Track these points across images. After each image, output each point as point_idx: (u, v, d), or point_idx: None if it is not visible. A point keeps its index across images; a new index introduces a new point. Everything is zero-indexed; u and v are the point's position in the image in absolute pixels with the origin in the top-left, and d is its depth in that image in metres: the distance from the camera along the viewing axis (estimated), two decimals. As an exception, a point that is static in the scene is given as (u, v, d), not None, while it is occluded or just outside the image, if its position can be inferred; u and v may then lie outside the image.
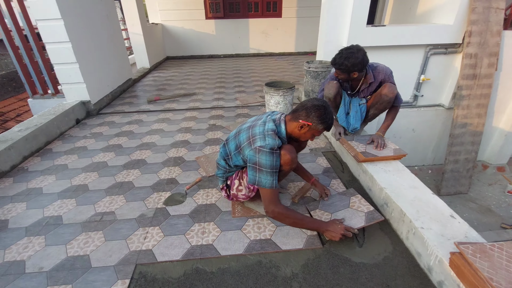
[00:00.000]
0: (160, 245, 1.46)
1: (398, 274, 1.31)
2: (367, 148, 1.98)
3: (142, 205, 1.77)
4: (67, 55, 3.15)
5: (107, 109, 3.68)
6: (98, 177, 2.12)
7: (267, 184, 1.35)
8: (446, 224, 1.38)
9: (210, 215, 1.67)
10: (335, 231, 1.37)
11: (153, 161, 2.32)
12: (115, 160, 2.35)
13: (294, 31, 7.56)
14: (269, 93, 2.92)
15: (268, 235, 1.52)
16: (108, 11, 4.10)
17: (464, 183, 3.75)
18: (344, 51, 1.85)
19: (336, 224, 1.41)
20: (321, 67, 3.09)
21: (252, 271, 1.32)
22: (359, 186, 1.96)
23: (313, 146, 2.53)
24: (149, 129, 2.99)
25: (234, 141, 1.50)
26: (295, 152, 1.43)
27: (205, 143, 2.65)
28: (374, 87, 2.01)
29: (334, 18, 3.13)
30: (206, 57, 7.66)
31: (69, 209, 1.78)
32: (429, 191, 1.63)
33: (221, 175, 1.64)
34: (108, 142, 2.71)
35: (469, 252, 1.13)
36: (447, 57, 3.54)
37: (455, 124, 3.54)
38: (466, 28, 3.27)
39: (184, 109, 3.62)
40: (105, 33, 3.96)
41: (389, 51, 3.37)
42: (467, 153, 3.66)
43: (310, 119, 1.38)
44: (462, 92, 3.44)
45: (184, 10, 7.06)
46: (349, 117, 2.16)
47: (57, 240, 1.53)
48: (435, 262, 1.26)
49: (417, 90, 3.72)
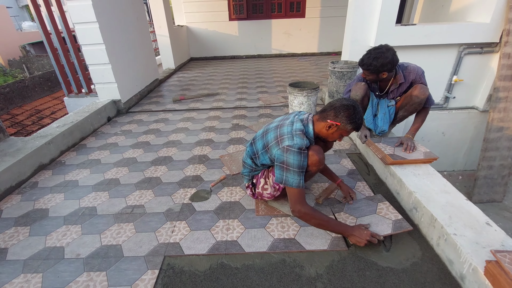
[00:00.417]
0: (187, 239, 1.51)
1: (427, 281, 1.27)
2: (396, 150, 1.92)
3: (169, 200, 1.84)
4: (101, 56, 3.34)
5: (135, 108, 3.85)
6: (128, 172, 2.22)
7: (294, 184, 1.35)
8: (481, 231, 1.32)
9: (234, 212, 1.70)
10: (361, 237, 1.35)
11: (179, 158, 2.40)
12: (143, 156, 2.46)
13: (317, 31, 7.47)
14: (293, 94, 2.91)
15: (292, 234, 1.53)
16: (138, 14, 4.28)
17: (498, 191, 3.52)
18: (372, 51, 1.80)
19: (362, 230, 1.39)
20: (347, 67, 3.04)
21: (276, 269, 1.33)
22: (386, 189, 1.91)
23: (337, 148, 2.49)
24: (174, 128, 3.09)
25: (262, 140, 1.51)
26: (323, 153, 1.43)
27: (229, 142, 2.69)
28: (404, 87, 1.95)
29: (361, 17, 3.07)
30: (228, 57, 7.77)
31: (102, 201, 1.88)
32: (463, 196, 1.56)
33: (247, 174, 1.67)
34: (137, 139, 2.83)
35: (507, 261, 1.07)
36: (483, 57, 3.34)
37: (490, 128, 3.33)
38: (504, 27, 3.07)
39: (208, 108, 3.71)
40: (135, 35, 4.14)
41: (419, 50, 3.24)
42: (503, 159, 3.43)
43: (339, 119, 1.36)
44: (499, 94, 3.23)
45: (209, 12, 7.21)
46: (377, 119, 2.11)
47: (92, 229, 1.63)
48: (468, 270, 1.20)
49: (448, 91, 3.55)
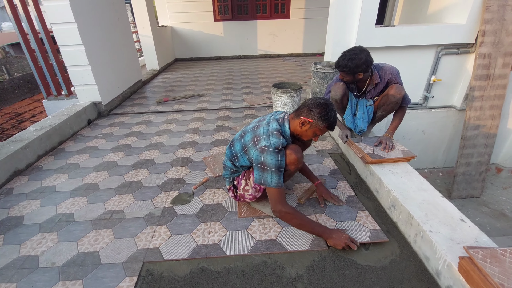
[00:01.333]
0: (167, 244, 1.48)
1: (405, 278, 1.30)
2: (375, 149, 1.96)
3: (150, 204, 1.81)
4: (80, 57, 3.24)
5: (117, 110, 3.76)
6: (108, 176, 2.17)
7: (273, 183, 1.36)
8: (456, 227, 1.36)
9: (217, 215, 1.69)
10: (339, 240, 1.38)
11: (161, 161, 2.35)
12: (124, 160, 2.40)
13: (302, 32, 7.54)
14: (276, 94, 2.92)
15: (274, 235, 1.53)
16: (119, 14, 4.19)
17: (476, 187, 3.65)
18: (347, 53, 1.84)
19: (341, 233, 1.41)
20: (329, 68, 3.08)
21: (257, 271, 1.33)
22: (366, 188, 1.94)
23: (320, 148, 2.52)
24: (157, 130, 3.04)
25: (240, 142, 1.51)
26: (301, 152, 1.44)
27: (213, 143, 2.67)
28: (381, 87, 1.99)
29: (342, 19, 3.11)
30: (214, 58, 7.72)
31: (80, 207, 1.82)
32: (438, 194, 1.60)
33: (227, 176, 1.66)
34: (118, 142, 2.76)
35: (479, 257, 1.10)
36: (459, 58, 3.46)
37: (467, 126, 3.45)
38: (479, 28, 3.19)
39: (192, 110, 3.67)
40: (116, 36, 4.05)
41: (399, 51, 3.33)
42: (480, 156, 3.56)
43: (311, 116, 1.38)
44: (475, 93, 3.36)
45: (193, 13, 7.14)
46: (356, 119, 2.14)
47: (69, 236, 1.58)
48: (443, 267, 1.23)
49: (427, 91, 3.65)
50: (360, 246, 1.45)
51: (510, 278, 1.01)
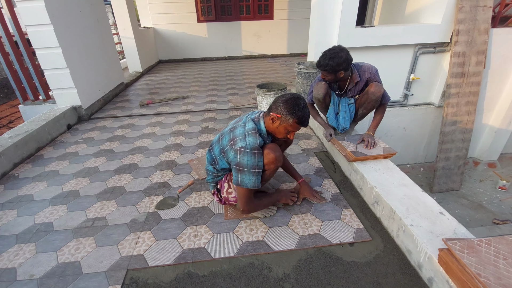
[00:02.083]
0: (152, 250, 1.45)
1: (389, 272, 1.33)
2: (358, 147, 2.00)
3: (133, 210, 1.76)
4: (58, 60, 3.13)
5: (98, 113, 3.66)
6: (90, 182, 2.10)
7: (250, 184, 1.37)
8: (435, 221, 1.40)
9: (203, 218, 1.67)
10: (284, 196, 1.70)
11: (145, 165, 2.31)
12: (106, 165, 2.33)
13: (286, 33, 7.60)
14: (261, 95, 2.93)
15: (261, 236, 1.53)
16: (98, 15, 4.08)
17: (455, 180, 3.80)
18: (327, 52, 1.87)
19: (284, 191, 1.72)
20: (312, 68, 3.12)
21: (244, 273, 1.32)
22: (351, 185, 1.97)
23: (306, 147, 2.54)
24: (141, 133, 2.97)
25: (218, 145, 1.51)
26: (279, 150, 1.44)
27: (198, 146, 2.65)
28: (361, 86, 2.04)
29: (324, 20, 3.17)
30: (199, 60, 7.65)
31: (60, 215, 1.76)
32: (419, 188, 1.65)
33: (211, 180, 1.65)
34: (99, 147, 2.69)
35: (457, 248, 1.14)
36: (436, 56, 3.59)
37: (445, 122, 3.59)
38: (453, 27, 3.33)
39: (177, 112, 3.62)
40: (96, 38, 3.94)
41: (379, 51, 3.42)
42: (458, 150, 3.71)
43: (279, 111, 1.38)
44: (451, 90, 3.50)
45: (176, 14, 7.05)
46: (339, 117, 2.18)
47: (48, 247, 1.52)
48: (424, 259, 1.27)
49: (407, 89, 3.77)
50: (346, 243, 1.48)
51: (486, 268, 1.05)
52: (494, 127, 3.96)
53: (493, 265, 1.06)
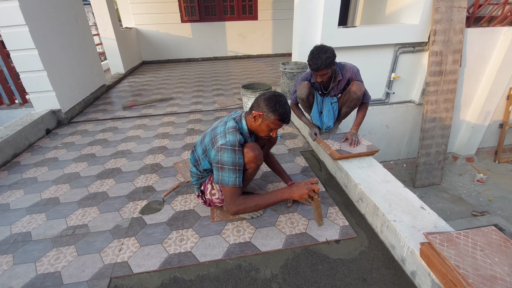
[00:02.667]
0: (136, 256, 1.42)
1: (374, 268, 1.35)
2: (342, 145, 2.03)
3: (117, 216, 1.72)
4: (34, 62, 3.01)
5: (79, 117, 3.54)
6: (70, 189, 2.03)
7: (230, 182, 1.35)
8: (417, 215, 1.44)
9: (189, 222, 1.65)
10: (301, 190, 1.39)
11: (129, 169, 2.25)
12: (88, 170, 2.26)
13: (270, 33, 7.64)
14: (246, 95, 2.93)
15: (248, 237, 1.52)
16: (77, 15, 3.95)
17: (436, 175, 3.93)
18: (315, 51, 1.86)
19: (299, 184, 1.42)
20: (296, 68, 3.15)
21: (232, 275, 1.31)
22: (336, 183, 2.00)
23: (292, 146, 2.56)
24: (124, 137, 2.90)
25: (201, 146, 1.50)
26: (259, 149, 1.44)
27: (183, 148, 2.61)
28: (342, 85, 2.07)
29: (307, 20, 3.20)
30: (183, 61, 7.56)
31: (38, 224, 1.69)
32: (401, 184, 1.69)
33: (195, 182, 1.63)
34: (80, 151, 2.60)
35: (437, 242, 1.18)
36: (415, 55, 3.71)
37: (425, 119, 3.71)
38: (431, 27, 3.44)
39: (161, 114, 3.56)
40: (75, 38, 3.81)
41: (361, 51, 3.49)
42: (438, 146, 3.84)
43: (261, 109, 1.40)
44: (430, 88, 3.62)
45: (159, 14, 6.93)
46: (323, 116, 2.21)
47: (26, 258, 1.45)
48: (407, 253, 1.31)
49: (388, 87, 3.87)
50: (332, 241, 1.50)
51: (464, 259, 1.09)
52: (471, 123, 4.14)
53: (471, 256, 1.10)
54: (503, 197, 3.67)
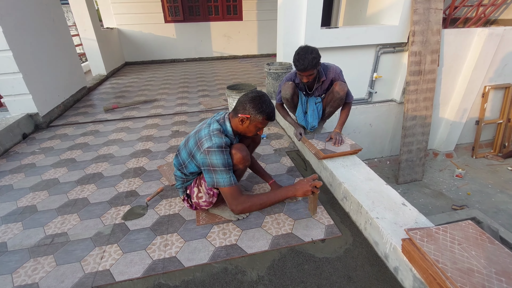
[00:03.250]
0: (119, 264, 1.38)
1: (358, 265, 1.38)
2: (326, 145, 2.06)
3: (98, 223, 1.66)
4: (8, 64, 2.87)
5: (58, 121, 3.41)
6: (49, 196, 1.95)
7: (226, 183, 1.34)
8: (399, 212, 1.48)
9: (174, 226, 1.62)
10: (304, 187, 1.37)
11: (111, 174, 2.19)
12: (67, 176, 2.18)
13: (255, 34, 7.65)
14: (231, 96, 2.92)
15: (234, 240, 1.51)
16: (54, 15, 3.81)
17: (418, 171, 4.06)
18: (300, 51, 1.87)
19: (302, 182, 1.40)
20: (281, 68, 3.16)
21: (218, 279, 1.30)
22: (321, 182, 2.02)
23: (277, 147, 2.57)
24: (106, 140, 2.82)
25: (185, 149, 1.48)
26: (247, 150, 1.45)
27: (168, 150, 2.56)
28: (326, 85, 2.10)
29: (290, 21, 3.22)
30: (168, 61, 7.44)
31: (14, 234, 1.61)
32: (383, 182, 1.73)
33: (180, 186, 1.60)
34: (59, 156, 2.51)
35: (418, 237, 1.21)
36: (396, 56, 3.81)
37: (406, 117, 3.82)
38: (410, 28, 3.54)
39: (145, 116, 3.48)
40: (52, 39, 3.67)
41: (344, 51, 3.55)
42: (419, 143, 3.97)
43: (248, 111, 1.40)
44: (410, 87, 3.73)
45: (141, 14, 6.80)
46: (307, 116, 2.23)
47: (2, 269, 1.38)
48: (390, 250, 1.34)
49: (371, 87, 3.96)
50: (317, 240, 1.51)
51: (443, 254, 1.13)
52: (450, 120, 4.30)
53: (450, 250, 1.14)
54: (481, 190, 3.83)
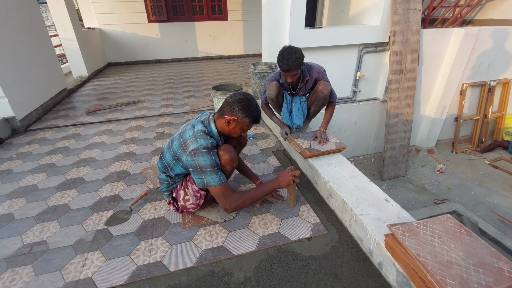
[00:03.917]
0: (101, 271, 1.34)
1: (344, 262, 1.40)
2: (312, 144, 2.08)
3: (79, 229, 1.61)
4: (-20, 66, 2.74)
5: (37, 124, 3.28)
6: (27, 203, 1.87)
7: (217, 182, 1.34)
8: (382, 208, 1.51)
9: (159, 230, 1.59)
10: (285, 179, 1.50)
11: (93, 178, 2.12)
12: (47, 182, 2.10)
13: (241, 34, 7.63)
14: (217, 97, 2.90)
15: (220, 242, 1.50)
16: (31, 15, 3.66)
17: (401, 167, 4.17)
18: (284, 51, 1.87)
19: (283, 174, 1.53)
20: (266, 68, 3.17)
21: (204, 282, 1.29)
22: (307, 181, 2.04)
23: (264, 147, 2.57)
24: (88, 143, 2.74)
25: (169, 152, 1.45)
26: (234, 151, 1.44)
27: (153, 153, 2.52)
28: (310, 84, 2.12)
29: (274, 21, 3.23)
30: (152, 62, 7.31)
31: (-11, 245, 1.53)
32: (367, 179, 1.76)
33: (165, 190, 1.57)
34: (38, 162, 2.41)
35: (399, 233, 1.24)
36: (378, 55, 3.90)
37: (389, 115, 3.91)
38: (390, 28, 3.63)
39: (129, 118, 3.40)
40: (29, 40, 3.53)
41: (328, 51, 3.59)
42: (402, 140, 4.07)
43: (235, 113, 1.40)
44: (392, 86, 3.83)
45: (124, 14, 6.64)
46: (293, 116, 2.24)
47: (-26, 283, 1.31)
48: (374, 245, 1.36)
49: (355, 86, 4.03)
50: (304, 239, 1.52)
51: (424, 247, 1.16)
52: (430, 117, 4.44)
53: (430, 244, 1.17)
54: (461, 184, 3.98)
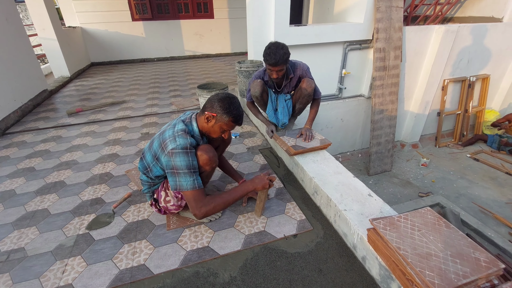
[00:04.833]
0: (82, 277, 1.30)
1: (329, 257, 1.41)
2: (297, 141, 2.09)
3: (60, 234, 1.56)
4: (-49, 67, 2.61)
5: (15, 127, 3.16)
6: (4, 209, 1.80)
7: (189, 186, 1.30)
8: (365, 203, 1.53)
9: (142, 232, 1.56)
10: (262, 181, 1.46)
11: (74, 182, 2.07)
12: (25, 186, 2.03)
13: (228, 32, 7.58)
14: (202, 96, 2.87)
15: (206, 242, 1.49)
16: (7, 14, 3.52)
17: (387, 162, 4.25)
18: (272, 46, 1.86)
19: (259, 177, 1.48)
20: (252, 66, 3.16)
21: (189, 284, 1.27)
22: (294, 178, 2.05)
23: (251, 145, 2.57)
24: (69, 146, 2.66)
25: (150, 152, 1.43)
26: (213, 151, 1.42)
27: (137, 154, 2.47)
28: (294, 82, 2.13)
29: (259, 19, 3.22)
30: (137, 61, 7.16)
31: (-37, 254, 1.47)
32: (351, 174, 1.79)
33: (147, 191, 1.55)
34: (16, 166, 2.32)
35: (381, 227, 1.26)
36: (362, 52, 3.95)
37: (374, 111, 3.98)
38: (374, 26, 3.68)
39: (112, 119, 3.33)
40: (5, 40, 3.39)
41: (314, 48, 3.61)
42: (387, 136, 4.15)
43: (215, 110, 1.38)
44: (376, 82, 3.89)
45: (106, 12, 6.47)
46: (278, 113, 2.25)
47: None
48: (357, 240, 1.38)
49: (340, 83, 4.07)
50: (290, 236, 1.53)
51: (404, 241, 1.18)
52: (414, 113, 4.54)
53: (410, 237, 1.20)
54: (444, 177, 4.10)
